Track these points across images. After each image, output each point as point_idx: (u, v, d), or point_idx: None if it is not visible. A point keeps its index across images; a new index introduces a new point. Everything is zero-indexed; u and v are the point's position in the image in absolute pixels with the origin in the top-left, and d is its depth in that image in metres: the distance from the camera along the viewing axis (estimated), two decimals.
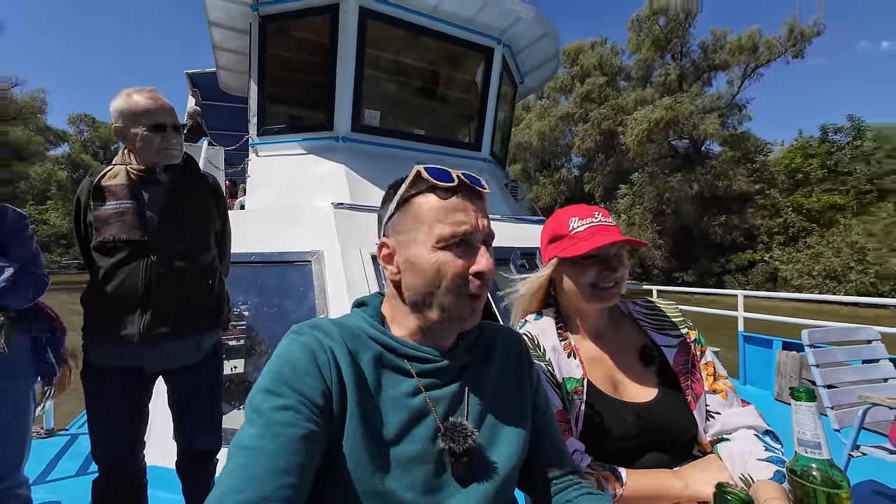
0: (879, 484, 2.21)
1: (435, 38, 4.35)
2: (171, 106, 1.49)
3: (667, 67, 24.21)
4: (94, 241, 1.44)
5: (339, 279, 2.85)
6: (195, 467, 1.57)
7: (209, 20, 4.32)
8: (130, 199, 1.45)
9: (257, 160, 4.30)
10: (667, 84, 23.74)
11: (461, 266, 0.64)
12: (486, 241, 0.67)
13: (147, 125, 1.43)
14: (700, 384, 0.96)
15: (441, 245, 0.64)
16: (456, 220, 0.64)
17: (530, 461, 0.75)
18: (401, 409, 0.63)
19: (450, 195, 0.65)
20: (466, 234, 0.64)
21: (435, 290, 0.65)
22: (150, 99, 1.45)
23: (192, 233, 1.53)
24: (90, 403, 1.45)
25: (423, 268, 0.65)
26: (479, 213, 0.67)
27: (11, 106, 36.19)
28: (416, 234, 0.65)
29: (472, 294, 0.65)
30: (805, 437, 0.61)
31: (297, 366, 0.60)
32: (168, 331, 1.43)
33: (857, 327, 2.53)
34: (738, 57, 22.03)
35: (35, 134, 39.27)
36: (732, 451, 0.87)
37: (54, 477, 2.30)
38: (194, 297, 1.51)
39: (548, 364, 0.96)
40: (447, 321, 0.67)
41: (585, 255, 0.96)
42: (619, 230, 0.98)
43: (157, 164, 1.49)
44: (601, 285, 0.96)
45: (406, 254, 0.66)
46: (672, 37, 23.52)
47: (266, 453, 0.52)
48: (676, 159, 22.66)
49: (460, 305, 0.65)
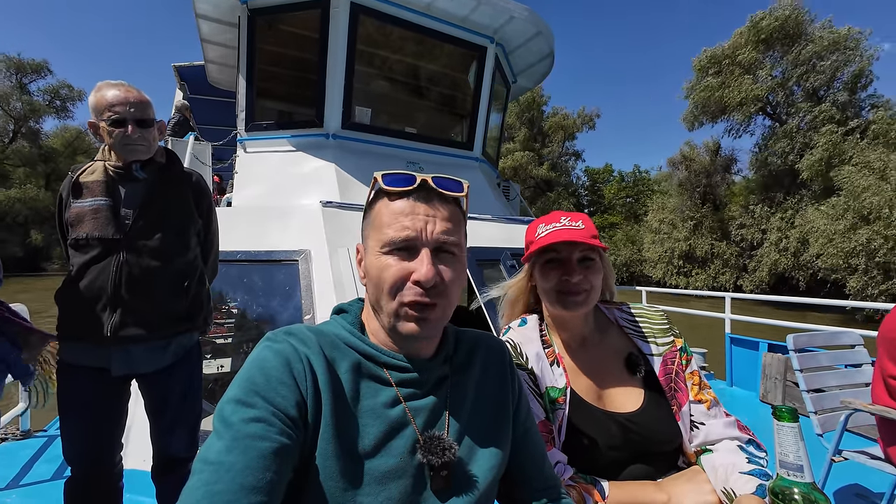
0: (861, 488, 2.23)
1: (427, 35, 4.32)
2: (141, 100, 1.43)
3: (522, 131, 34.76)
4: (70, 238, 1.43)
5: (327, 279, 2.81)
6: (168, 473, 1.54)
7: (196, 12, 4.23)
8: (106, 196, 1.43)
9: (245, 156, 4.23)
10: (524, 142, 34.47)
11: (401, 272, 0.61)
12: (441, 248, 0.63)
13: (108, 119, 1.39)
14: (685, 394, 0.95)
15: (385, 250, 0.62)
16: (399, 225, 0.62)
17: (510, 473, 0.73)
18: (379, 419, 0.61)
19: (401, 198, 0.63)
20: (408, 238, 0.61)
21: (381, 297, 0.62)
22: (116, 92, 1.40)
23: (168, 232, 1.48)
24: (61, 402, 1.43)
25: (372, 273, 0.64)
26: (433, 217, 0.63)
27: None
28: (371, 240, 0.65)
29: (409, 302, 0.61)
30: (787, 460, 0.60)
31: (270, 374, 0.56)
32: (137, 333, 1.39)
33: (841, 331, 2.56)
34: (558, 130, 34.77)
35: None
36: (715, 463, 0.86)
37: (29, 480, 2.23)
38: (167, 298, 1.46)
39: (530, 373, 0.94)
40: (393, 331, 0.64)
41: (547, 259, 0.96)
42: (583, 234, 0.93)
43: (125, 159, 1.45)
44: (562, 290, 0.94)
45: (366, 258, 0.67)
46: (530, 110, 34.27)
47: (233, 469, 0.49)
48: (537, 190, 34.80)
49: (400, 315, 0.62)
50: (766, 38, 18.48)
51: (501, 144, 6.12)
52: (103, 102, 1.39)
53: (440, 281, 0.62)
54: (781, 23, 18.04)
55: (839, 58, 17.42)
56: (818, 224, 15.71)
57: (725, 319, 4.47)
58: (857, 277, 14.43)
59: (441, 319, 0.64)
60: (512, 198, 6.28)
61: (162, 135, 1.52)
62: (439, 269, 0.62)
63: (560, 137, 34.57)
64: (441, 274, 0.62)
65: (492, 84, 4.71)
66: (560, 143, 34.76)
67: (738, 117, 20.42)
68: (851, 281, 14.70)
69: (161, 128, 1.53)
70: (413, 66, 4.68)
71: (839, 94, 17.80)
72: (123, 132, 1.40)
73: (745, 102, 19.53)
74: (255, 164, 4.12)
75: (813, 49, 17.72)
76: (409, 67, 4.67)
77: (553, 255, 0.96)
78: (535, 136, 35.19)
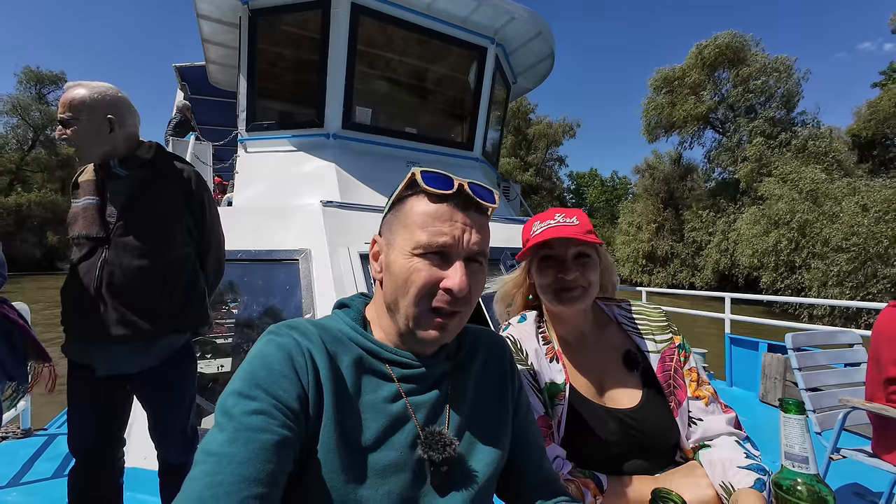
0: (859, 486, 2.24)
1: (428, 36, 4.32)
2: (65, 99, 1.39)
3: (508, 138, 35.88)
4: (68, 237, 1.46)
5: (327, 278, 2.82)
6: (164, 474, 1.54)
7: (198, 13, 4.25)
8: (94, 195, 1.44)
9: (246, 156, 4.24)
10: (510, 149, 36.03)
11: (432, 277, 0.61)
12: (473, 258, 0.63)
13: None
14: (683, 390, 0.96)
15: (417, 252, 0.61)
16: (436, 230, 0.61)
17: (509, 468, 0.74)
18: (380, 414, 0.61)
19: (441, 202, 0.62)
20: (445, 245, 0.61)
21: (403, 298, 0.62)
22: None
23: (149, 229, 1.44)
24: (68, 395, 1.46)
25: (396, 272, 0.63)
26: (470, 227, 0.63)
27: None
28: (399, 237, 0.64)
29: (435, 308, 0.61)
30: (793, 451, 0.60)
31: (272, 367, 0.57)
32: (118, 332, 1.37)
33: (840, 330, 2.57)
34: (542, 138, 36.86)
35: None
36: (713, 458, 0.86)
37: (30, 479, 2.24)
38: (148, 297, 1.42)
39: (530, 368, 0.95)
40: (410, 334, 0.64)
41: (543, 257, 0.96)
42: (578, 230, 0.93)
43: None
44: (558, 287, 0.94)
45: (388, 255, 0.65)
46: (516, 118, 35.78)
47: (235, 461, 0.49)
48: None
49: (423, 320, 0.62)
50: (711, 62, 21.74)
51: (501, 145, 6.13)
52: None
53: (468, 291, 0.62)
54: (722, 50, 21.22)
55: (770, 79, 20.65)
56: (741, 228, 18.42)
57: (725, 319, 4.48)
58: (768, 273, 16.79)
59: (459, 327, 0.65)
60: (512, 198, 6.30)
61: (113, 132, 1.43)
62: (469, 280, 0.62)
63: (544, 144, 36.77)
64: (470, 284, 0.62)
65: (492, 84, 4.72)
66: (544, 151, 37.12)
67: (685, 132, 24.06)
68: (764, 277, 17.02)
69: (88, 126, 1.40)
70: (413, 67, 4.68)
71: (768, 111, 20.72)
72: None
73: (688, 120, 22.99)
74: (256, 163, 4.13)
75: (748, 71, 20.90)
76: (410, 68, 4.67)
77: (548, 252, 0.96)
78: (520, 143, 37.15)
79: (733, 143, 21.87)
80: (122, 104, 1.47)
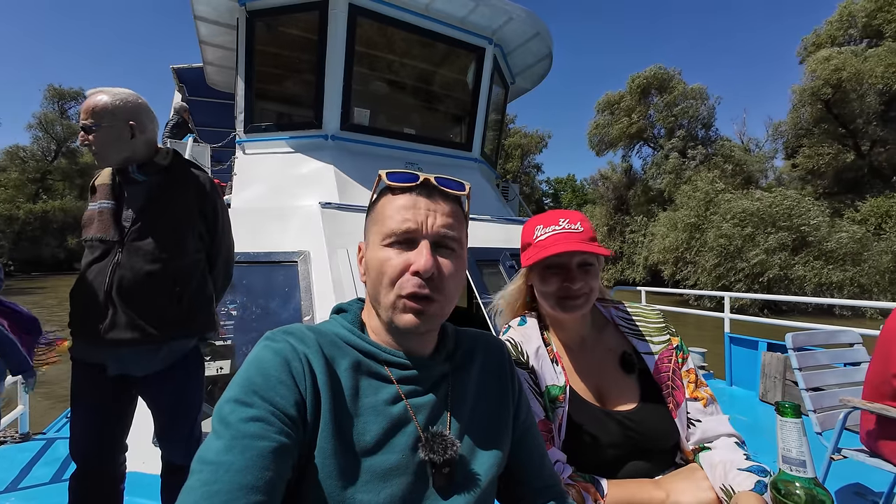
0: (860, 486, 2.24)
1: (426, 37, 4.32)
2: (85, 107, 1.41)
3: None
4: (81, 239, 1.48)
5: (326, 280, 2.81)
6: (168, 475, 1.54)
7: (195, 14, 4.24)
8: (110, 199, 1.46)
9: (244, 158, 4.22)
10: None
11: (399, 263, 0.61)
12: (442, 243, 0.64)
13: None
14: (681, 391, 0.95)
15: (386, 242, 0.63)
16: (401, 217, 0.63)
17: (510, 471, 0.73)
18: (380, 416, 0.61)
19: (405, 193, 0.64)
20: (408, 230, 0.62)
21: (380, 289, 0.63)
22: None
23: (162, 234, 1.46)
24: (71, 396, 1.46)
25: (372, 266, 0.64)
26: (434, 211, 0.64)
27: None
28: (373, 234, 0.66)
29: (410, 294, 0.61)
30: (790, 455, 0.60)
31: (269, 374, 0.56)
32: (127, 336, 1.38)
33: (840, 330, 2.56)
34: (517, 148, 37.98)
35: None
36: (714, 461, 0.86)
37: (28, 483, 2.23)
38: (157, 302, 1.43)
39: (531, 371, 0.95)
40: (392, 325, 0.64)
41: (547, 264, 0.94)
42: (582, 237, 0.92)
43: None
44: (562, 296, 0.94)
45: (367, 253, 0.67)
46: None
47: (232, 469, 0.49)
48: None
49: (397, 306, 0.62)
50: (643, 90, 26.46)
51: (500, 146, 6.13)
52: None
53: (438, 274, 0.61)
54: (649, 81, 25.93)
55: (686, 104, 24.92)
56: (655, 230, 22.01)
57: (725, 319, 4.48)
58: (668, 268, 20.12)
59: (438, 315, 0.64)
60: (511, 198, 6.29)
61: (134, 137, 1.45)
62: (438, 262, 0.62)
63: (519, 154, 38.39)
64: (440, 266, 0.62)
65: (490, 85, 4.72)
66: (520, 160, 38.75)
67: (621, 147, 28.63)
68: (665, 270, 20.34)
69: (108, 132, 1.41)
70: (412, 68, 4.68)
71: (683, 131, 25.01)
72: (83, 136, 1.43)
73: (622, 137, 27.41)
74: (254, 165, 4.12)
75: (669, 98, 25.35)
76: (408, 68, 4.67)
77: (553, 261, 0.95)
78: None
79: (660, 158, 26.06)
80: (143, 110, 1.49)
